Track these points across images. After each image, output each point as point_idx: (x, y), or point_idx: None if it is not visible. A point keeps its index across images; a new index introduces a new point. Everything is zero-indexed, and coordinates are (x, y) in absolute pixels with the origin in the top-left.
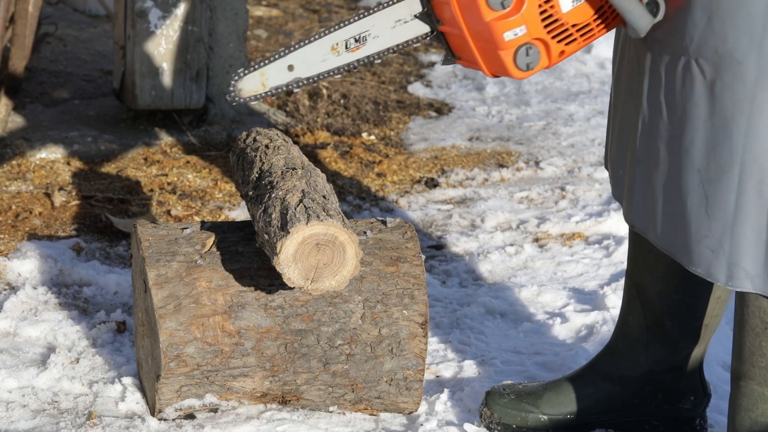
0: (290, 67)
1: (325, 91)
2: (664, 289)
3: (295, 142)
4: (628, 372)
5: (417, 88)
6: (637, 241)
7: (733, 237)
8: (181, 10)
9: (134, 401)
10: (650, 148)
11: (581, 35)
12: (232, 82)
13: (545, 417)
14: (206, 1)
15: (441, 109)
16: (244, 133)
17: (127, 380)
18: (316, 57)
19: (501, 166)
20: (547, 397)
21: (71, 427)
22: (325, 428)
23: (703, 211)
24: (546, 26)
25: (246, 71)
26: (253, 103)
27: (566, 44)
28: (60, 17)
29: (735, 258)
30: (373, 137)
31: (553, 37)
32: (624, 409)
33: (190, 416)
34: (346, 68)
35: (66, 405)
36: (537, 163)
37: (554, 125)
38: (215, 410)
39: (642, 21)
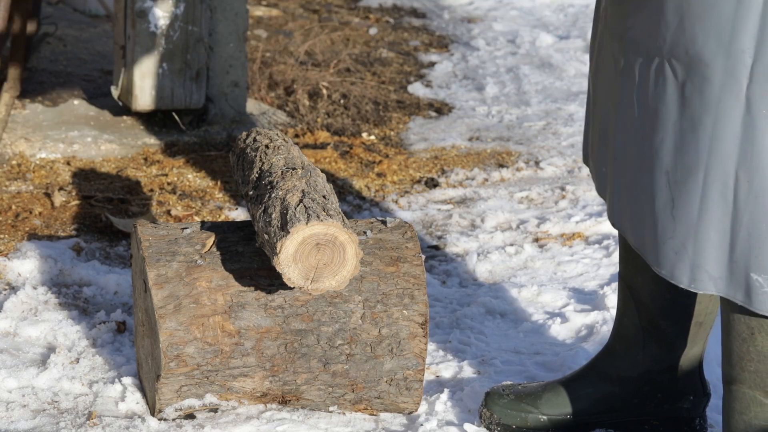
0: None
1: (325, 91)
2: (656, 290)
3: (295, 142)
4: (626, 372)
5: (417, 88)
6: (626, 242)
7: (696, 239)
8: (181, 10)
9: (134, 401)
10: (624, 148)
11: None
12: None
13: (545, 417)
14: (206, 1)
15: (441, 109)
16: (244, 133)
17: (127, 380)
18: None
19: (501, 166)
20: (546, 397)
21: (71, 427)
22: (325, 428)
23: (668, 213)
24: None
25: None
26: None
27: None
28: (60, 17)
29: (698, 260)
30: (373, 137)
31: None
32: (623, 409)
33: (190, 416)
34: None
35: (66, 405)
36: (537, 163)
37: (554, 125)
38: (215, 410)
39: None
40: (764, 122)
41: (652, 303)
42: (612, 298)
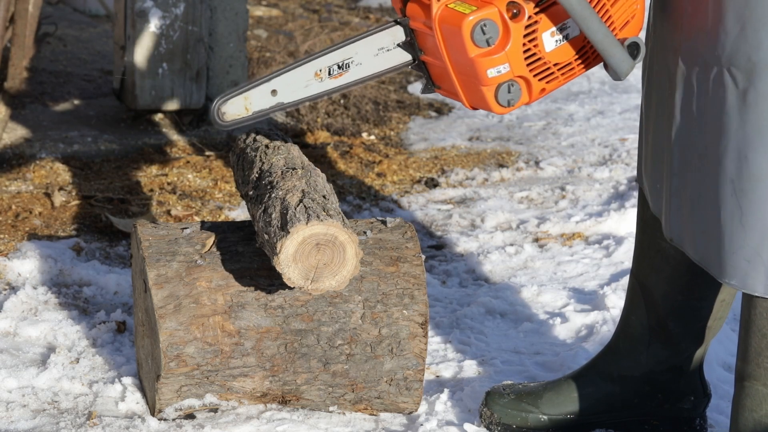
0: (273, 92)
1: None
2: (670, 290)
3: (295, 142)
4: (628, 372)
5: (417, 88)
6: (644, 241)
7: None
8: (181, 10)
9: (134, 401)
10: (685, 160)
11: (562, 74)
12: (216, 105)
13: (545, 417)
14: (206, 1)
15: (441, 109)
16: (244, 133)
17: (127, 380)
18: (300, 82)
19: (501, 166)
20: (547, 397)
21: (71, 427)
22: (325, 428)
23: (737, 222)
24: (529, 65)
25: (229, 95)
26: (234, 128)
27: (547, 82)
28: (60, 17)
29: None
30: (373, 137)
31: (535, 75)
32: (624, 408)
33: (190, 416)
34: (328, 94)
35: (66, 405)
36: (537, 163)
37: (554, 125)
38: (215, 410)
39: (623, 65)
40: None
41: (663, 303)
42: (612, 298)
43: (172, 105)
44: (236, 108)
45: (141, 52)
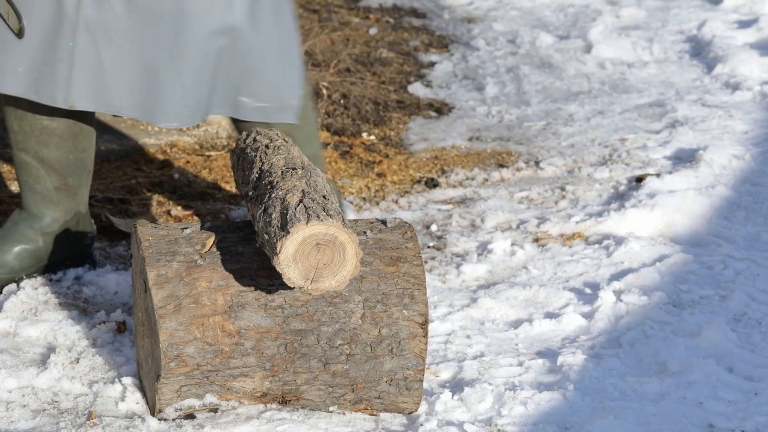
0: None
1: (325, 91)
2: (61, 155)
3: None
4: (49, 228)
5: (417, 88)
6: (25, 126)
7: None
8: None
9: (134, 401)
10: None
11: None
12: None
13: None
14: None
15: (441, 109)
16: (244, 133)
17: (127, 380)
18: None
19: (501, 166)
20: None
21: (71, 427)
22: (325, 428)
23: (176, 78)
24: None
25: None
26: None
27: None
28: None
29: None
30: (373, 137)
31: None
32: (47, 258)
33: (190, 416)
34: None
35: (66, 405)
36: (537, 163)
37: (554, 125)
38: (215, 410)
39: None
40: None
41: (60, 166)
42: (612, 298)
43: None
44: None
45: None
